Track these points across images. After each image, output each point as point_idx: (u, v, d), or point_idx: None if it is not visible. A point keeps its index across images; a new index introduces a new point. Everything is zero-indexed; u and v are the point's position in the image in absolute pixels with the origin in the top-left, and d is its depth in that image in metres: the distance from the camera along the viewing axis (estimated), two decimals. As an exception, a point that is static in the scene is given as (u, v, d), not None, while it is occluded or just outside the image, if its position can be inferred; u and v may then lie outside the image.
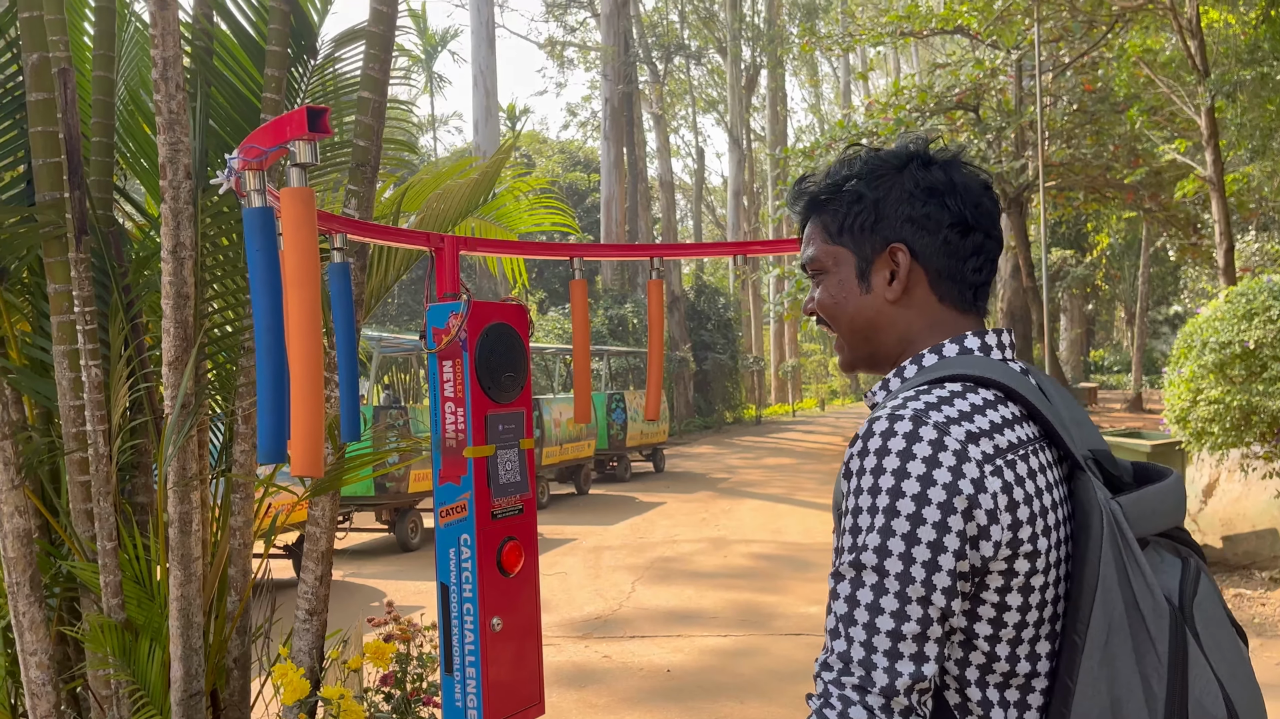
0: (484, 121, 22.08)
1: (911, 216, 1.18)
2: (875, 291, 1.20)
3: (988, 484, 1.03)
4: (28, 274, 2.95)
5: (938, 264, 1.18)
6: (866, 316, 1.21)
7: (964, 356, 1.16)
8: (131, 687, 2.74)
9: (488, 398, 2.06)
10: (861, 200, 1.20)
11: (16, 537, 2.55)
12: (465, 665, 2.02)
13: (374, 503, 10.27)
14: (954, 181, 1.19)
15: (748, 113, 34.62)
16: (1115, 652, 1.05)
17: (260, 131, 1.33)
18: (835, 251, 1.22)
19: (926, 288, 1.19)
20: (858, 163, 1.23)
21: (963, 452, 1.03)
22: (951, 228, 1.18)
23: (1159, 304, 34.34)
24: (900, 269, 1.18)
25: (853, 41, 17.62)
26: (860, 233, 1.20)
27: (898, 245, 1.18)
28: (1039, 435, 1.12)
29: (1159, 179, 15.90)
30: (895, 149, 1.24)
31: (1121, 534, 1.08)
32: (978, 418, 1.07)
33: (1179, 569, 1.13)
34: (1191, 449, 7.45)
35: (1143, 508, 1.13)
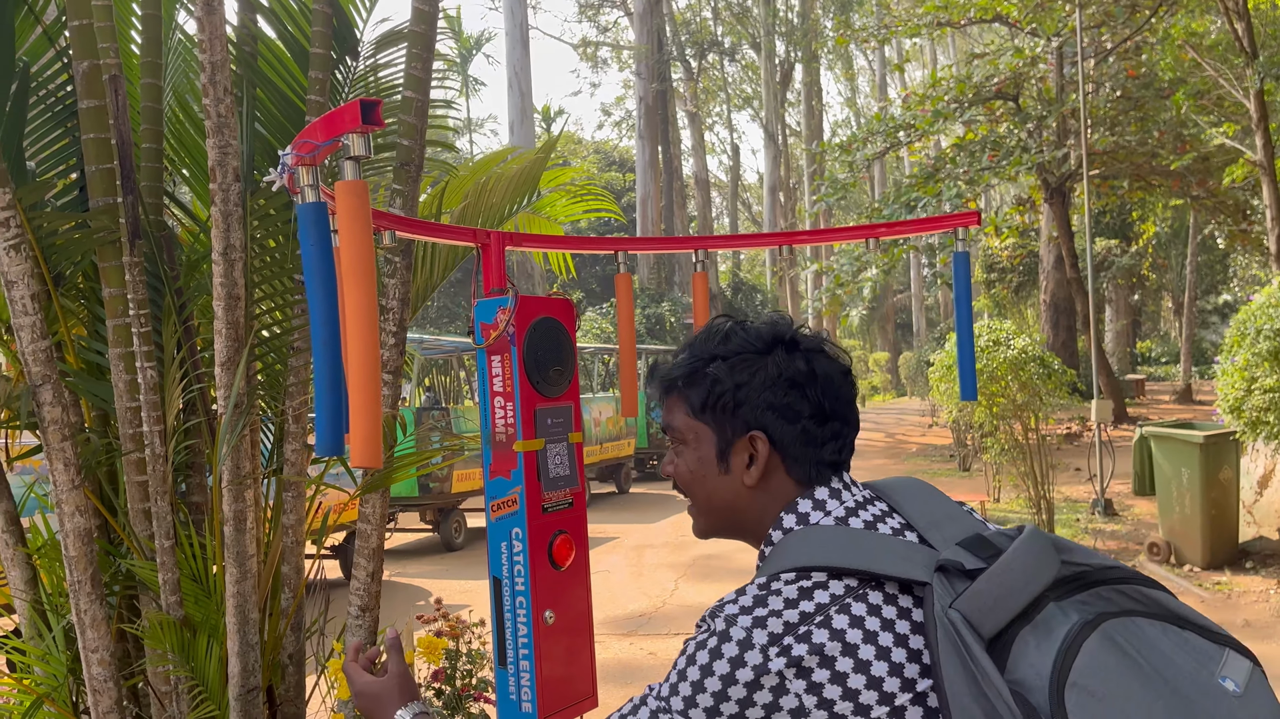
0: (519, 123, 22.19)
1: (773, 404, 1.21)
2: (734, 473, 1.23)
3: (771, 666, 1.05)
4: (82, 279, 3.01)
5: (795, 452, 1.21)
6: (724, 497, 1.24)
7: (790, 536, 1.18)
8: (190, 682, 2.79)
9: (536, 392, 2.07)
10: (722, 383, 1.22)
11: (77, 536, 2.60)
12: (519, 659, 2.03)
13: (418, 503, 10.36)
14: (814, 371, 1.22)
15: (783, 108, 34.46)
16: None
17: (313, 126, 1.34)
18: (697, 427, 1.25)
19: (784, 473, 1.22)
20: (725, 338, 1.26)
21: (746, 639, 1.07)
22: (811, 418, 1.21)
23: (1207, 293, 33.68)
24: (759, 456, 1.21)
25: (888, 34, 17.47)
26: (722, 414, 1.22)
27: (757, 433, 1.21)
28: (860, 583, 1.10)
29: (1206, 165, 15.59)
30: (761, 328, 1.26)
31: (961, 641, 1.03)
32: (772, 599, 1.10)
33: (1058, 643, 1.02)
34: (1246, 439, 7.30)
35: (983, 600, 1.04)
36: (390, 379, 2.86)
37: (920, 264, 35.22)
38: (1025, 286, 26.12)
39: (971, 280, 2.40)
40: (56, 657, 2.92)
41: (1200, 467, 7.45)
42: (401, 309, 2.85)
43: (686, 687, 1.09)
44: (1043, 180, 16.79)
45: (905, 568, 1.10)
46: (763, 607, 1.09)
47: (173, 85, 3.28)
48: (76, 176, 2.99)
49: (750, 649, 1.07)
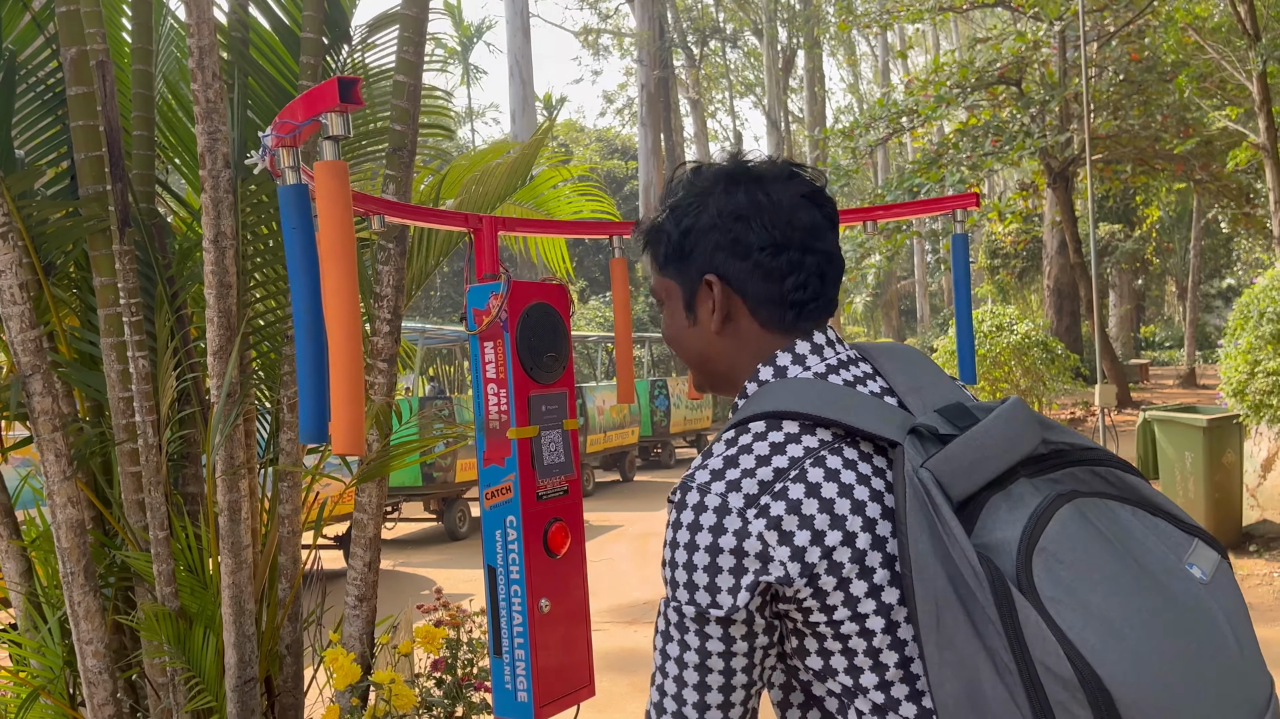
0: (521, 112, 22.11)
1: (720, 244, 1.15)
2: (701, 323, 1.19)
3: (751, 529, 1.02)
4: (74, 268, 2.98)
5: (754, 289, 1.15)
6: (697, 349, 1.21)
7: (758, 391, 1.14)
8: (187, 674, 2.77)
9: (530, 378, 2.04)
10: (670, 232, 1.19)
11: (70, 527, 2.58)
12: (514, 648, 2.01)
13: (422, 493, 10.35)
14: (759, 201, 1.15)
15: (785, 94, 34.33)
16: (952, 632, 0.97)
17: (292, 106, 1.31)
18: (666, 284, 1.22)
19: (748, 315, 1.17)
20: (676, 189, 1.22)
21: (722, 506, 1.03)
22: (761, 250, 1.14)
23: (1211, 277, 33.56)
24: (716, 299, 1.16)
25: (890, 19, 17.36)
26: (679, 264, 1.19)
27: (710, 276, 1.16)
28: (835, 437, 1.07)
29: (1210, 148, 15.50)
30: (712, 169, 1.20)
31: (930, 500, 1.00)
32: (743, 458, 1.06)
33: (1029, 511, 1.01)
34: (1249, 422, 7.27)
35: (958, 461, 1.02)
36: (385, 367, 2.84)
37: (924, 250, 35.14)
38: (1029, 272, 26.05)
39: (970, 263, 2.37)
40: (52, 649, 2.91)
41: (1204, 450, 7.41)
42: (396, 296, 2.82)
43: (681, 572, 1.05)
44: (1046, 165, 16.71)
45: (879, 426, 1.06)
46: (734, 468, 1.05)
47: (164, 72, 3.25)
48: (67, 165, 2.96)
49: (728, 515, 1.03)
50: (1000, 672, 0.95)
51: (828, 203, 1.18)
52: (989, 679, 0.96)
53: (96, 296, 2.75)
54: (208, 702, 2.75)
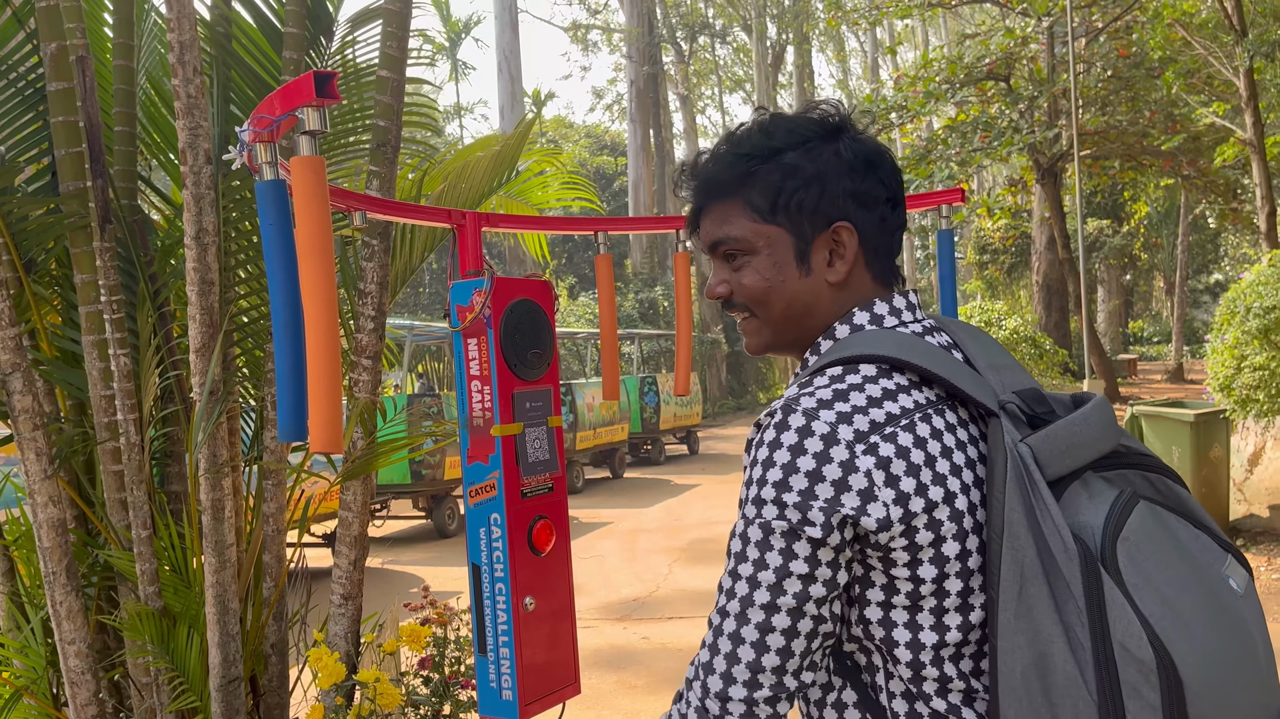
0: (509, 108, 22.05)
1: (854, 192, 1.12)
2: (815, 273, 1.14)
3: (858, 464, 1.01)
4: (55, 266, 2.95)
5: (873, 241, 1.14)
6: (805, 301, 1.15)
7: (852, 335, 1.13)
8: (170, 674, 2.75)
9: (514, 375, 2.03)
10: (799, 174, 1.11)
11: (51, 526, 2.56)
12: (499, 646, 2.00)
13: (411, 490, 10.32)
14: (880, 151, 1.15)
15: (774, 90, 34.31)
16: (1032, 603, 0.99)
17: (269, 100, 1.30)
18: (767, 231, 1.13)
19: (863, 267, 1.15)
20: (776, 131, 1.14)
21: (831, 434, 1.01)
22: (886, 203, 1.14)
23: (1199, 272, 33.71)
24: (847, 249, 1.13)
25: (879, 15, 17.36)
26: (798, 211, 1.12)
27: (844, 224, 1.12)
28: (940, 397, 1.08)
29: (1197, 144, 15.56)
30: (809, 115, 1.15)
31: (1029, 476, 1.02)
32: (853, 396, 1.04)
33: (1109, 502, 1.05)
34: (1236, 417, 7.30)
35: (1057, 442, 1.05)
36: (369, 364, 2.82)
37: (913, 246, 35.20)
38: (1018, 268, 26.11)
39: (958, 259, 2.36)
40: (35, 649, 2.88)
41: (1191, 445, 7.44)
42: (380, 293, 2.80)
43: (771, 489, 1.01)
44: (1034, 161, 16.75)
45: (980, 394, 1.08)
46: (843, 401, 1.04)
47: (146, 68, 3.22)
48: (48, 161, 2.94)
49: (835, 445, 1.01)
50: (1073, 648, 0.98)
51: None
52: (1060, 653, 0.98)
53: (78, 294, 2.73)
54: (192, 702, 2.73)
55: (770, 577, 1.01)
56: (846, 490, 1.00)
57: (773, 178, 1.12)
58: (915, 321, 1.15)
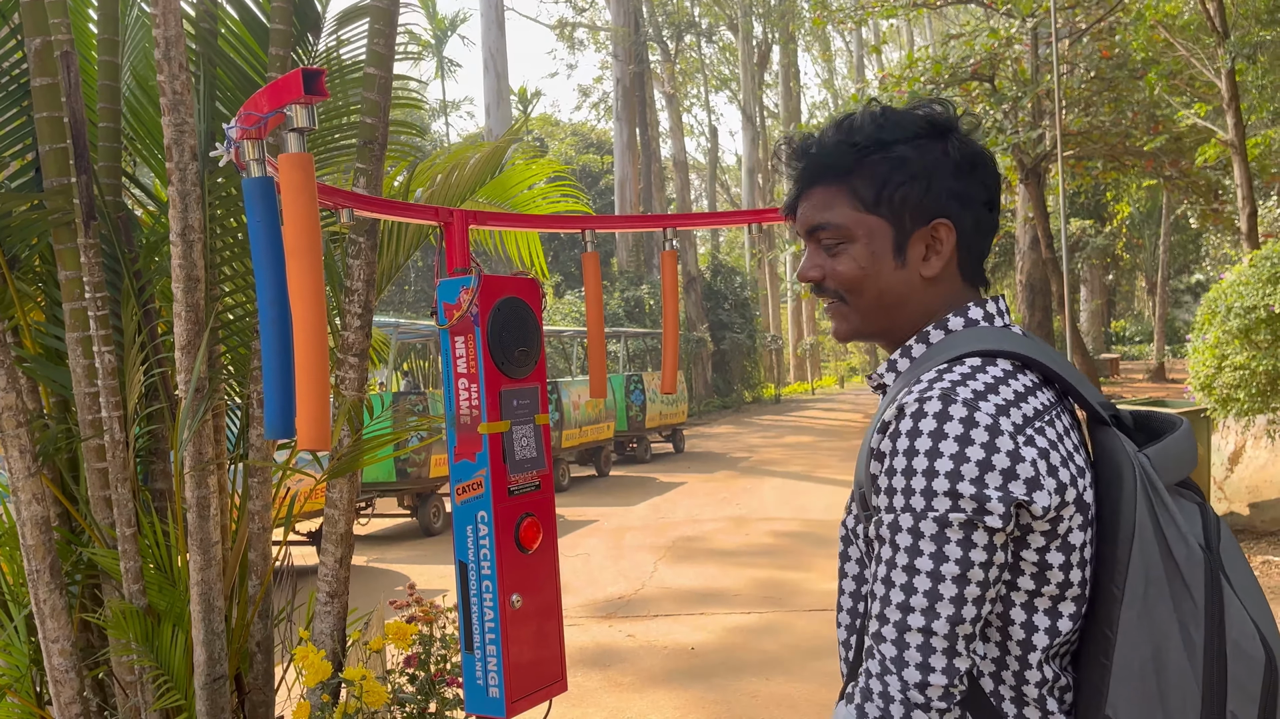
0: (496, 105, 22.01)
1: (956, 191, 1.14)
2: (910, 266, 1.16)
3: (1024, 454, 1.03)
4: (39, 262, 2.94)
5: (968, 241, 1.17)
6: (898, 292, 1.16)
7: (970, 329, 1.14)
8: (155, 672, 2.74)
9: (501, 373, 2.03)
10: (906, 167, 1.14)
11: (35, 524, 2.55)
12: (486, 643, 2.00)
13: (396, 488, 10.30)
14: (984, 155, 1.18)
15: (761, 90, 34.37)
16: (1154, 602, 1.06)
17: (257, 97, 1.30)
18: (868, 221, 1.15)
19: (955, 265, 1.17)
20: (887, 123, 1.15)
21: (994, 425, 1.03)
22: (983, 205, 1.17)
23: (1180, 273, 33.97)
24: (944, 246, 1.15)
25: (865, 14, 17.41)
26: (902, 204, 1.14)
27: (944, 221, 1.14)
28: (1055, 400, 1.12)
29: (1179, 145, 15.67)
30: (920, 112, 1.17)
31: (1152, 485, 1.08)
32: (1003, 389, 1.06)
33: (1199, 515, 1.13)
34: (1217, 416, 7.36)
35: (1166, 458, 1.12)
36: (356, 361, 2.82)
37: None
38: (1001, 267, 26.24)
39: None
40: (18, 647, 2.87)
41: (1173, 444, 7.48)
42: (367, 290, 2.80)
43: (942, 480, 1.01)
44: (1018, 161, 16.83)
45: (1095, 399, 1.14)
46: (994, 394, 1.05)
47: (132, 64, 3.20)
48: (32, 157, 2.92)
49: (1000, 435, 1.02)
50: (1186, 644, 1.05)
51: None
52: (1175, 649, 1.05)
53: (62, 290, 2.71)
54: (176, 700, 2.72)
55: (954, 568, 1.02)
56: (1014, 479, 1.02)
57: (880, 169, 1.14)
58: (1009, 327, 1.18)
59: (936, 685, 1.02)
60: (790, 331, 37.47)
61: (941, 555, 1.01)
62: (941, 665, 1.02)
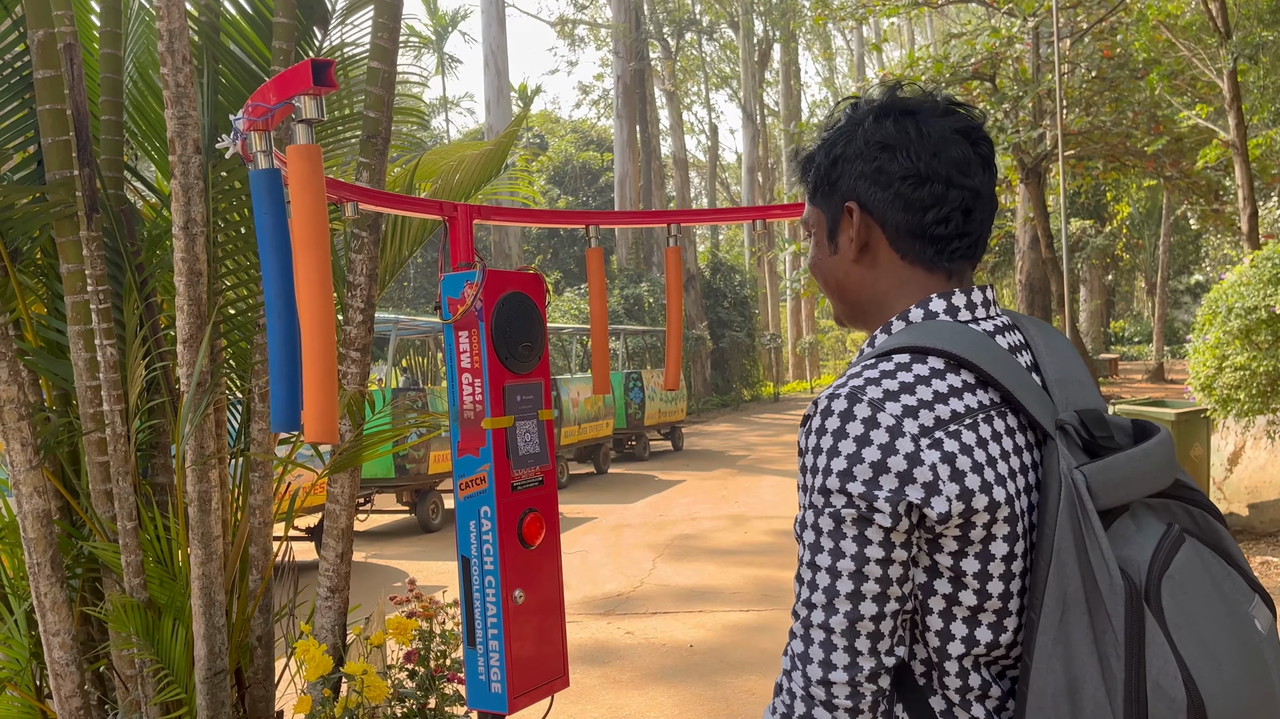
0: (496, 102, 21.98)
1: (863, 173, 1.16)
2: (841, 252, 1.20)
3: (924, 457, 1.02)
4: (41, 255, 2.93)
5: (894, 219, 1.15)
6: (836, 277, 1.21)
7: (925, 324, 1.13)
8: (155, 666, 2.74)
9: (505, 368, 2.03)
10: (821, 160, 1.20)
11: (36, 517, 2.54)
12: (488, 639, 2.00)
13: (394, 484, 10.29)
14: (908, 132, 1.15)
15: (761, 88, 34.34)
16: (1070, 630, 1.02)
17: (265, 88, 1.29)
18: (814, 212, 1.23)
19: (886, 246, 1.17)
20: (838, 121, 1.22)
21: (896, 426, 1.02)
22: (903, 180, 1.14)
23: (1180, 273, 33.98)
24: (854, 226, 1.17)
25: (865, 13, 17.40)
26: (826, 193, 1.20)
27: (850, 203, 1.17)
28: (997, 401, 1.09)
29: (1180, 146, 15.66)
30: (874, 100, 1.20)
31: (1081, 505, 1.03)
32: (920, 389, 1.05)
33: (1157, 538, 1.06)
34: (1217, 417, 7.36)
35: (1111, 475, 1.06)
36: (358, 356, 2.81)
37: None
38: (1001, 267, 26.24)
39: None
40: (19, 640, 2.87)
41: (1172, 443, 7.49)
42: (369, 285, 2.79)
43: (835, 479, 1.03)
44: (1019, 161, 16.82)
45: (1039, 412, 1.09)
46: (909, 394, 1.04)
47: (134, 56, 3.20)
48: (34, 149, 2.91)
49: (901, 437, 1.02)
50: (1105, 678, 1.00)
51: (983, 140, 1.18)
52: (1092, 682, 1.00)
53: (63, 283, 2.71)
54: (177, 694, 2.72)
55: (850, 564, 1.02)
56: (911, 483, 1.01)
57: (812, 162, 1.22)
58: (989, 319, 1.16)
59: (838, 683, 1.02)
60: (789, 330, 37.47)
61: (838, 552, 1.02)
62: (844, 663, 1.02)
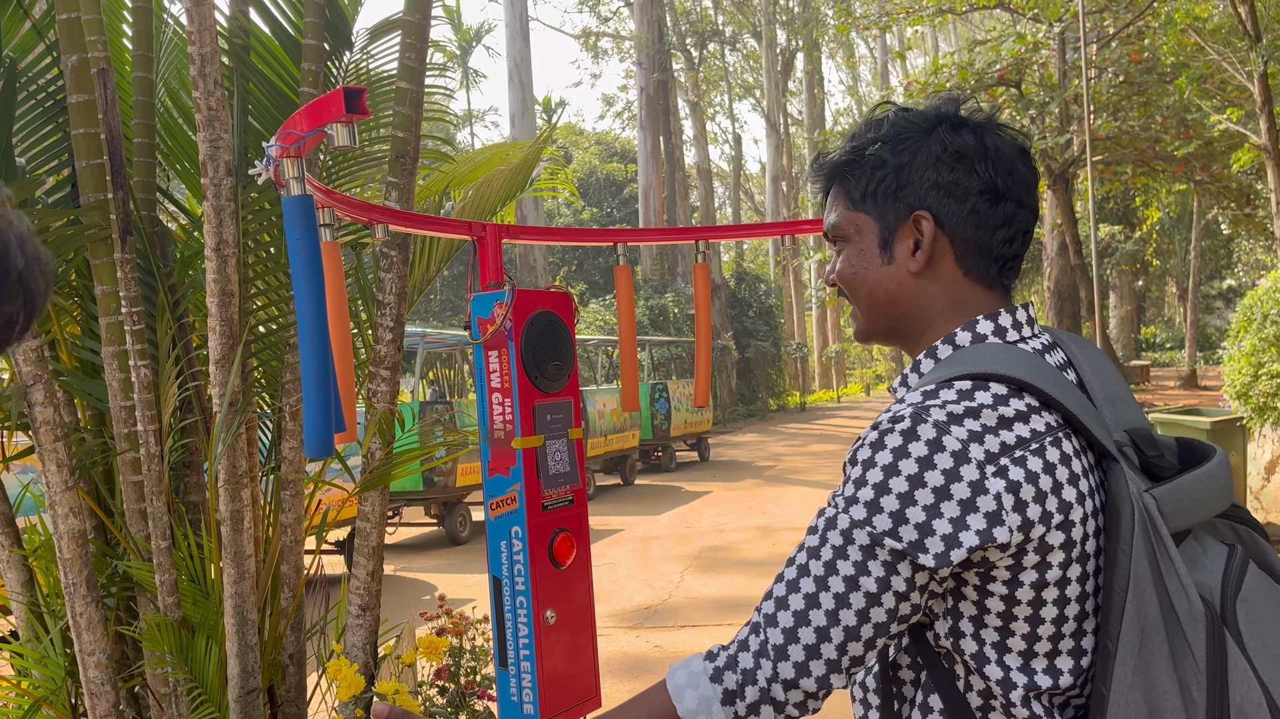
0: (520, 115, 22.10)
1: (938, 183, 1.11)
2: (898, 262, 1.14)
3: (988, 485, 0.98)
4: (75, 277, 2.97)
5: (965, 234, 1.12)
6: (887, 289, 1.15)
7: (976, 347, 1.10)
8: (189, 684, 2.75)
9: (535, 388, 2.03)
10: (885, 165, 1.14)
11: (71, 538, 2.57)
12: (520, 659, 1.99)
13: (423, 497, 10.33)
14: (985, 145, 1.12)
15: (784, 97, 34.32)
16: (1150, 658, 0.99)
17: (297, 116, 1.30)
18: (857, 219, 1.16)
19: (952, 260, 1.13)
20: (884, 124, 1.17)
21: (962, 452, 0.98)
22: (980, 195, 1.11)
23: (1212, 278, 33.55)
24: (925, 238, 1.12)
25: (889, 21, 17.35)
26: (884, 199, 1.14)
27: (922, 213, 1.12)
28: (1061, 423, 1.05)
29: (1210, 150, 15.47)
30: (925, 110, 1.17)
31: (1155, 530, 1.00)
32: (985, 414, 1.01)
33: (1223, 561, 1.04)
34: (1253, 425, 7.25)
35: (1182, 498, 1.03)
36: (388, 374, 2.82)
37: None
38: (1029, 274, 26.02)
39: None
40: (54, 659, 2.89)
41: (1208, 453, 7.38)
42: (398, 303, 2.80)
43: (892, 500, 0.98)
44: (1046, 167, 16.69)
45: (1099, 431, 1.06)
46: (973, 418, 1.00)
47: (165, 79, 3.24)
48: (68, 173, 2.95)
49: (966, 464, 0.98)
50: (1187, 706, 0.97)
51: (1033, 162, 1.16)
52: (1174, 711, 0.98)
53: (98, 305, 2.73)
54: (210, 712, 2.73)
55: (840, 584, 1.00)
56: (972, 512, 0.98)
57: (864, 168, 1.15)
58: (1034, 337, 1.13)
59: (802, 690, 1.01)
60: (815, 339, 37.33)
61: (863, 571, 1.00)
62: (818, 674, 1.01)
